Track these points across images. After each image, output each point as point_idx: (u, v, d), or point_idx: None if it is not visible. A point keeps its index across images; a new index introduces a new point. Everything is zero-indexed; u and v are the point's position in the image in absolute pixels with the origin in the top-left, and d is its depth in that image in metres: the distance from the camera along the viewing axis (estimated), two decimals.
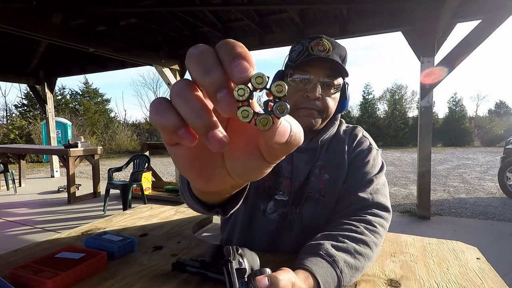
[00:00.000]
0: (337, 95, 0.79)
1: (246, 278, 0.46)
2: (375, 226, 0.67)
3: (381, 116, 16.56)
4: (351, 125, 0.90)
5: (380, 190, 0.75)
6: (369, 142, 0.84)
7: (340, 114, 0.88)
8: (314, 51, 0.73)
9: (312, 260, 0.55)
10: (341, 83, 0.77)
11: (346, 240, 0.61)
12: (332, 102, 0.77)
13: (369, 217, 0.68)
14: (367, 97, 17.03)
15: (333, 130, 0.84)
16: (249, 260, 0.53)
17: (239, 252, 0.51)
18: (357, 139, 0.83)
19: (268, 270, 0.45)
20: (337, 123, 0.87)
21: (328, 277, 0.54)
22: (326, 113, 0.77)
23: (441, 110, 39.27)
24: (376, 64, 41.43)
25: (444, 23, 3.37)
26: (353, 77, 41.07)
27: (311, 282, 0.51)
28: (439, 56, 3.42)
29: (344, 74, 0.76)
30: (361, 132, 0.86)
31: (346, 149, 0.82)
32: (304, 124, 0.76)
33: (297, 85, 0.75)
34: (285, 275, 0.46)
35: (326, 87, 0.75)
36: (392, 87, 17.36)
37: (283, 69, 0.82)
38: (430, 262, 0.72)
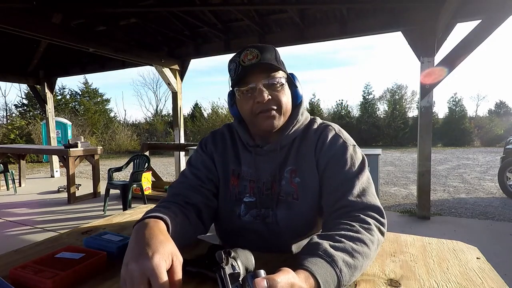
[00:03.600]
0: (286, 89, 0.80)
1: (240, 281, 0.45)
2: (369, 224, 0.67)
3: (381, 116, 16.51)
4: (324, 123, 0.86)
5: (367, 190, 0.74)
6: (343, 140, 0.81)
7: (305, 111, 0.88)
8: (245, 62, 0.76)
9: (312, 260, 0.55)
10: (284, 77, 0.79)
11: (343, 240, 0.61)
12: (284, 97, 0.79)
13: (363, 216, 0.68)
14: (367, 97, 16.99)
15: (297, 129, 0.83)
16: (243, 261, 0.52)
17: (232, 255, 0.50)
18: (329, 139, 0.80)
19: (262, 272, 0.44)
20: (302, 119, 0.85)
21: (328, 277, 0.54)
22: (283, 108, 0.79)
23: (441, 110, 39.27)
24: (376, 64, 41.38)
25: (444, 23, 3.37)
26: (353, 77, 41.05)
27: (312, 282, 0.51)
28: (439, 56, 3.42)
29: (281, 68, 0.78)
30: (333, 130, 0.83)
31: (314, 150, 0.81)
32: (267, 127, 0.78)
33: (245, 96, 0.78)
34: (284, 277, 0.46)
35: (271, 86, 0.77)
36: (392, 87, 17.33)
37: (230, 88, 0.85)
38: (430, 262, 0.72)
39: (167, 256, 0.50)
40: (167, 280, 0.47)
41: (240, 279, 0.45)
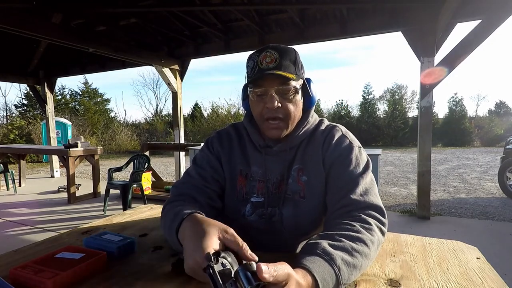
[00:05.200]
0: (298, 96, 0.80)
1: (233, 277, 0.44)
2: (370, 224, 0.67)
3: (381, 116, 16.50)
4: (331, 125, 0.88)
5: (370, 190, 0.75)
6: (349, 141, 0.82)
7: (314, 113, 0.88)
8: (263, 65, 0.76)
9: (310, 258, 0.55)
10: (298, 85, 0.79)
11: (343, 239, 0.62)
12: (293, 106, 0.79)
13: (364, 216, 0.68)
14: (367, 97, 16.99)
15: (307, 130, 0.84)
16: (233, 257, 0.51)
17: (221, 255, 0.49)
18: (335, 140, 0.81)
19: (254, 264, 0.44)
20: (312, 121, 0.86)
21: (326, 275, 0.54)
22: (291, 119, 0.79)
23: (441, 110, 39.25)
24: (376, 64, 41.37)
25: (444, 23, 3.37)
26: (353, 77, 41.06)
27: (309, 280, 0.51)
28: (439, 56, 3.42)
29: (297, 76, 0.78)
30: (339, 131, 0.84)
31: (320, 150, 0.82)
32: (272, 136, 0.81)
33: (257, 98, 0.79)
34: (282, 267, 0.47)
35: (283, 93, 0.77)
36: (392, 87, 17.34)
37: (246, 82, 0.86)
38: (430, 262, 0.72)
39: (215, 239, 0.53)
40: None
41: (232, 274, 0.44)
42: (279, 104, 0.76)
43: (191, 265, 0.52)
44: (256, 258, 0.49)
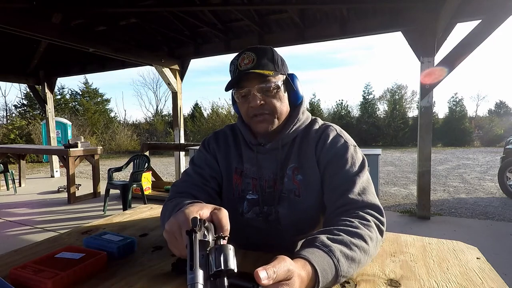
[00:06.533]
0: (281, 92, 0.81)
1: (208, 251, 0.43)
2: (368, 221, 0.67)
3: (381, 116, 16.49)
4: (325, 124, 0.88)
5: (367, 189, 0.75)
6: (344, 140, 0.82)
7: (306, 111, 0.89)
8: (242, 67, 0.79)
9: (309, 250, 0.56)
10: (279, 81, 0.80)
11: (341, 233, 0.62)
12: (278, 102, 0.80)
13: (362, 214, 0.69)
14: (367, 97, 16.98)
15: (298, 127, 0.85)
16: (212, 232, 0.50)
17: (205, 225, 0.48)
18: (330, 139, 0.81)
19: (230, 247, 0.42)
20: (303, 118, 0.86)
21: (325, 265, 0.54)
22: (277, 113, 0.81)
23: (441, 110, 39.27)
24: (376, 64, 41.39)
25: (444, 23, 3.37)
26: (353, 77, 41.05)
27: (309, 269, 0.52)
28: (439, 56, 3.42)
29: (276, 72, 0.79)
30: (334, 131, 0.84)
31: (315, 149, 0.82)
32: (260, 130, 0.81)
33: (242, 98, 0.81)
34: (282, 263, 0.46)
35: (265, 91, 0.79)
36: (392, 87, 17.31)
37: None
38: (430, 262, 0.72)
39: (198, 207, 0.54)
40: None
41: (208, 249, 0.43)
42: (262, 102, 0.78)
43: (171, 222, 0.52)
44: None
